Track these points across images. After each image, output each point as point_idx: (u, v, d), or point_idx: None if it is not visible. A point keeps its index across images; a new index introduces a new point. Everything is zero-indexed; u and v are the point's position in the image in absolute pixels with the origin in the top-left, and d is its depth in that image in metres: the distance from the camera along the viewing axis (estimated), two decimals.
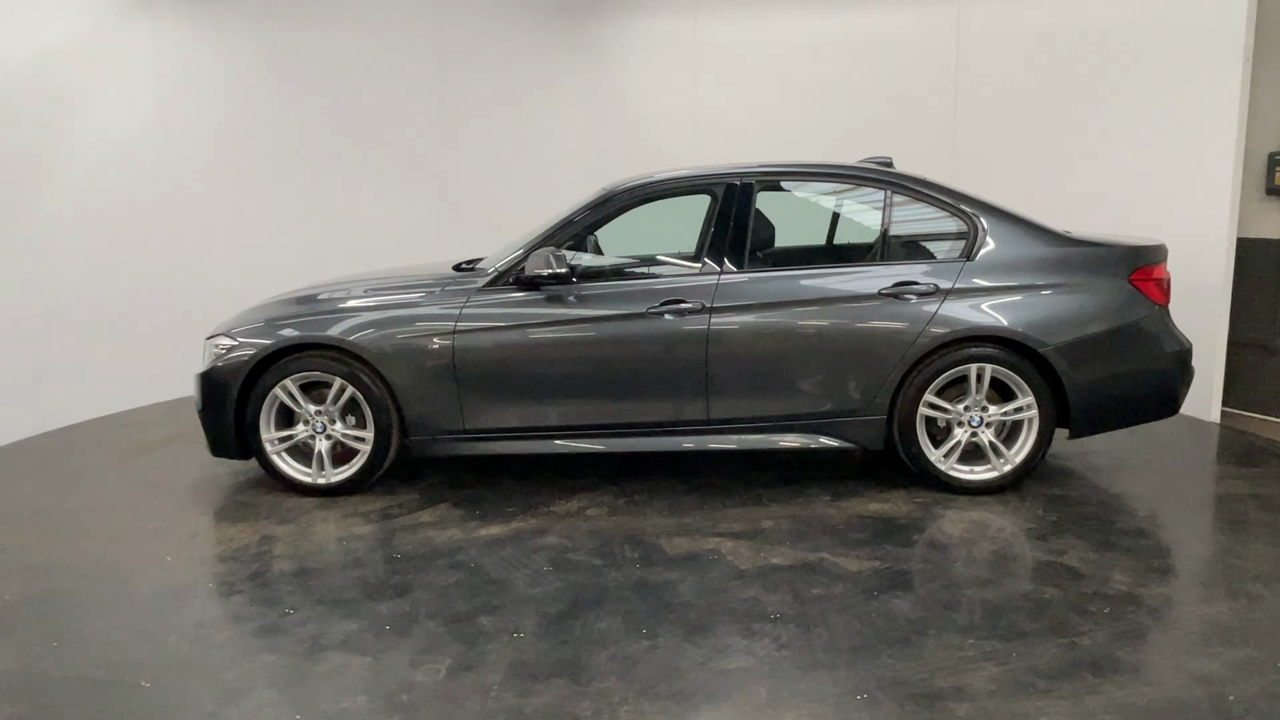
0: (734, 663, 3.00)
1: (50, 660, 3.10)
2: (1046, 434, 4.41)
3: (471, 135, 7.36)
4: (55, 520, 4.43)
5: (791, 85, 7.01)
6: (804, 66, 6.99)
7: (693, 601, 3.44)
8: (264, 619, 3.37)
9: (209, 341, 4.74)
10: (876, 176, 4.56)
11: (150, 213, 7.00)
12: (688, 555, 3.85)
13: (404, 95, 7.32)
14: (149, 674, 3.01)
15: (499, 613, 3.38)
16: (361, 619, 3.35)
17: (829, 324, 4.39)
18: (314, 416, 4.58)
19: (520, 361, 4.46)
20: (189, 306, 6.81)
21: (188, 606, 3.48)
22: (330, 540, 4.10)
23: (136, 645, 3.19)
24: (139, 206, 6.93)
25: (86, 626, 3.34)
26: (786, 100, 7.03)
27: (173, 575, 3.76)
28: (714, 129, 7.06)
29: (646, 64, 7.18)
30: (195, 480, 4.98)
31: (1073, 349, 4.32)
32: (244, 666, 3.04)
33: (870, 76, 6.89)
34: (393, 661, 3.05)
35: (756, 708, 2.74)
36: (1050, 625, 3.20)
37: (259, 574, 3.76)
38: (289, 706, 2.80)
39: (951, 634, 3.16)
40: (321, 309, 4.62)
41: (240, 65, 7.15)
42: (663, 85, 7.17)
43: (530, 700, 2.80)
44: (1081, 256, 4.43)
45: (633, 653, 3.07)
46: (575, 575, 3.68)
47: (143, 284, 6.98)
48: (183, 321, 6.61)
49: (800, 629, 3.21)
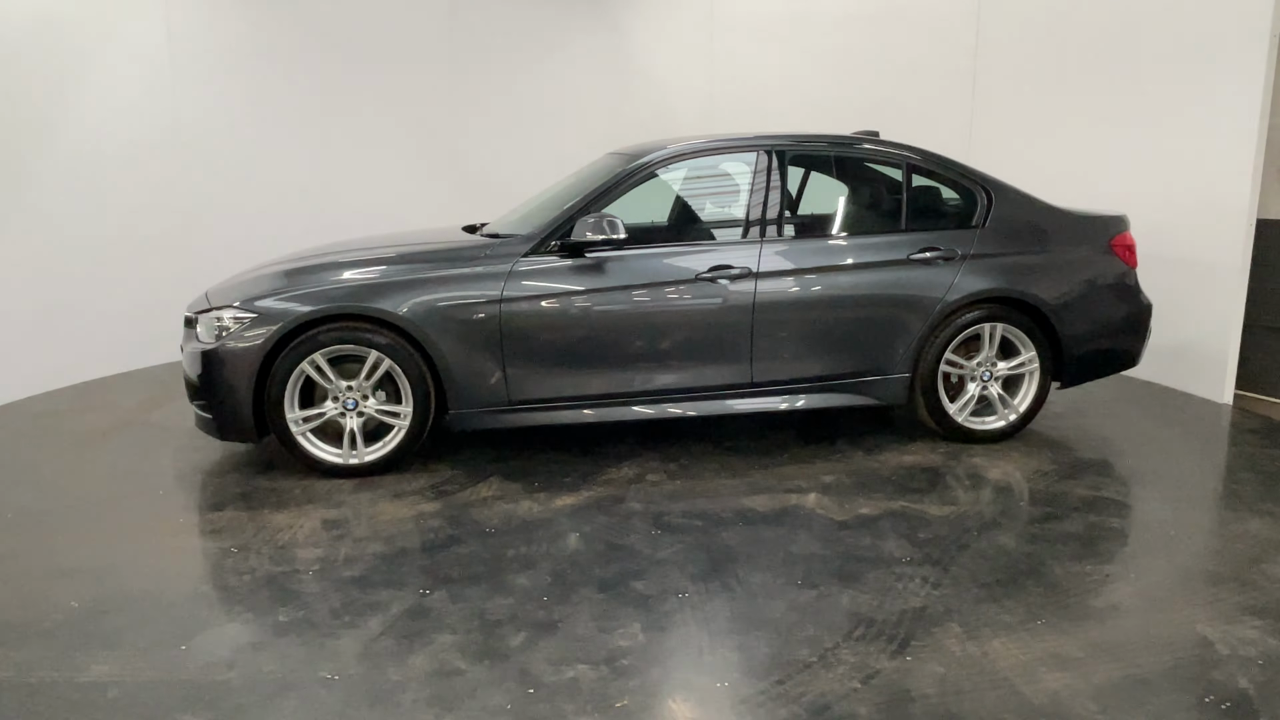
0: (909, 603, 3.17)
1: (229, 671, 2.80)
2: (1045, 385, 4.87)
3: (482, 100, 7.29)
4: (56, 520, 3.92)
5: (808, 57, 7.04)
6: (821, 38, 7.01)
7: (819, 552, 3.57)
8: (405, 602, 3.18)
9: (208, 315, 4.33)
10: (898, 149, 4.83)
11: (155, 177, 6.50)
12: (778, 511, 3.98)
13: (415, 59, 7.19)
14: (336, 669, 2.79)
15: (645, 576, 3.37)
16: (509, 594, 3.24)
17: (866, 288, 4.62)
18: (344, 392, 4.30)
19: (568, 329, 4.40)
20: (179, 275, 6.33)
21: (313, 594, 3.22)
22: (403, 519, 3.89)
23: (293, 641, 2.94)
24: (145, 170, 6.44)
25: (218, 629, 3.03)
26: (802, 72, 7.07)
27: (265, 567, 3.45)
28: (728, 98, 7.09)
29: (662, 32, 7.19)
30: (179, 469, 4.54)
31: (1068, 307, 4.79)
32: (433, 652, 2.87)
33: (888, 50, 6.89)
34: (582, 630, 2.99)
35: (971, 638, 2.93)
36: (1142, 545, 3.60)
37: (353, 558, 3.53)
38: (515, 683, 2.70)
39: (1069, 562, 3.48)
40: (352, 278, 4.33)
41: (250, 27, 6.79)
42: (677, 54, 7.17)
43: (740, 654, 2.84)
44: (1072, 225, 4.91)
45: (810, 602, 3.18)
46: (688, 536, 3.72)
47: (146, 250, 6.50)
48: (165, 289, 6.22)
49: (939, 569, 3.43)
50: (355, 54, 7.11)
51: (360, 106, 7.18)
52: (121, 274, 6.33)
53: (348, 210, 7.03)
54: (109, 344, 6.30)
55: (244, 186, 6.87)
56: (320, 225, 6.46)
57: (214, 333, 4.28)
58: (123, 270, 6.34)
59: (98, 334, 6.22)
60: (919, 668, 2.78)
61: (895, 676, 2.73)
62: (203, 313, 4.38)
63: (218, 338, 4.26)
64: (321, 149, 7.11)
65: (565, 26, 7.21)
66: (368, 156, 7.25)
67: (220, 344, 4.24)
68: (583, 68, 7.27)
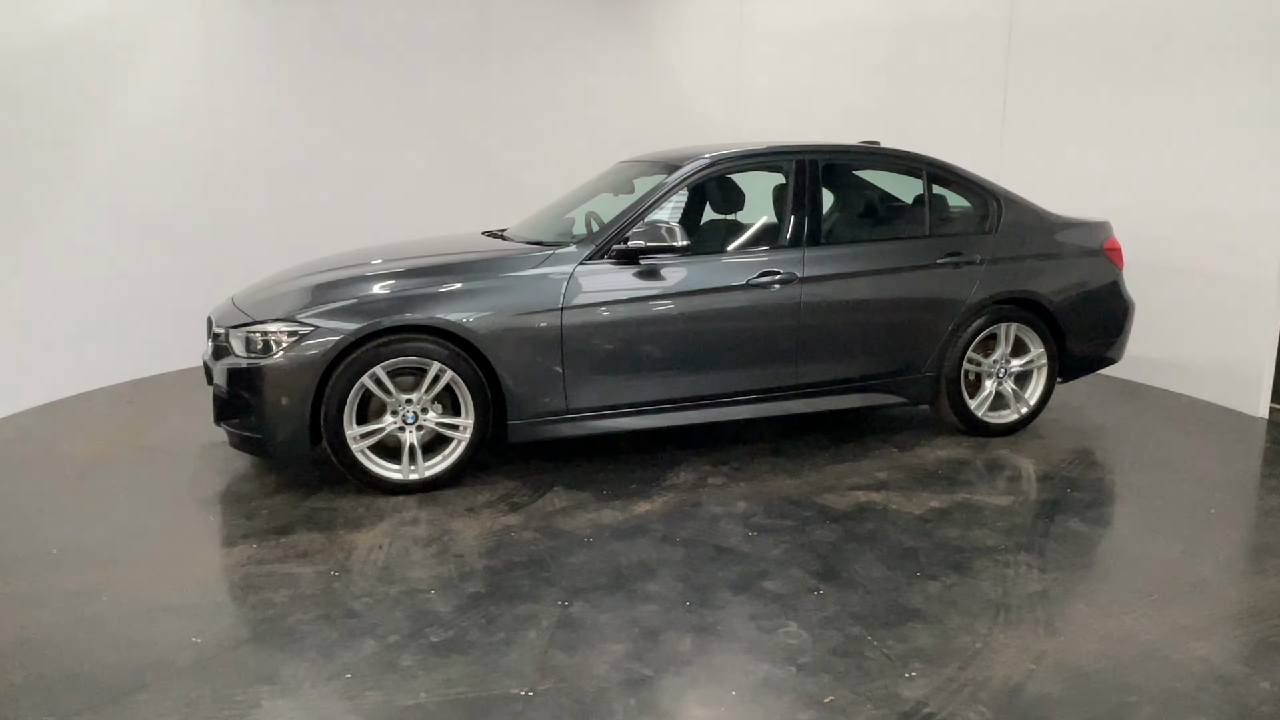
0: (1029, 587, 3.36)
1: (421, 694, 2.69)
2: (1052, 380, 5.20)
3: (512, 105, 7.28)
4: (111, 553, 3.65)
5: (836, 64, 7.03)
6: (849, 46, 6.98)
7: (917, 545, 3.72)
8: (549, 614, 3.14)
9: (252, 329, 4.12)
10: (918, 160, 5.06)
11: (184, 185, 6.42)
12: (855, 508, 4.11)
13: (445, 63, 7.18)
14: (526, 684, 2.73)
15: (770, 576, 3.43)
16: (648, 600, 3.24)
17: (901, 291, 4.83)
18: (403, 406, 4.17)
19: (628, 336, 4.41)
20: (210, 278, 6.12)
21: (448, 612, 3.13)
22: (491, 533, 3.82)
23: (462, 660, 2.85)
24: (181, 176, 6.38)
25: (375, 654, 2.90)
26: (831, 79, 7.07)
27: (380, 588, 3.32)
28: (755, 106, 7.12)
29: (691, 39, 7.21)
30: (209, 493, 4.29)
31: (1072, 306, 5.14)
32: (612, 661, 2.85)
33: (918, 57, 6.80)
34: (744, 631, 3.03)
35: (1105, 615, 3.13)
36: (1198, 526, 3.91)
37: (468, 574, 3.44)
38: (711, 687, 2.71)
39: (1142, 543, 3.76)
40: (411, 287, 4.20)
41: (285, 32, 6.74)
42: (707, 61, 7.19)
43: (906, 644, 2.95)
44: (1072, 229, 5.26)
45: (941, 592, 3.32)
46: (785, 536, 3.80)
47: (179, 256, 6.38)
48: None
49: (1036, 554, 3.64)
50: (386, 58, 7.12)
51: (391, 110, 7.18)
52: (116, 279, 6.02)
53: (379, 213, 6.99)
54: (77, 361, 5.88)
55: (275, 189, 6.78)
56: (352, 228, 6.38)
57: (261, 347, 4.07)
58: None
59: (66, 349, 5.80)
60: (1076, 645, 2.95)
61: (1061, 655, 2.89)
62: (242, 327, 4.16)
63: (264, 352, 4.06)
64: (352, 152, 7.07)
65: (595, 33, 7.21)
66: (398, 160, 7.23)
67: (271, 359, 4.03)
68: (612, 74, 7.33)
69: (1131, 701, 2.65)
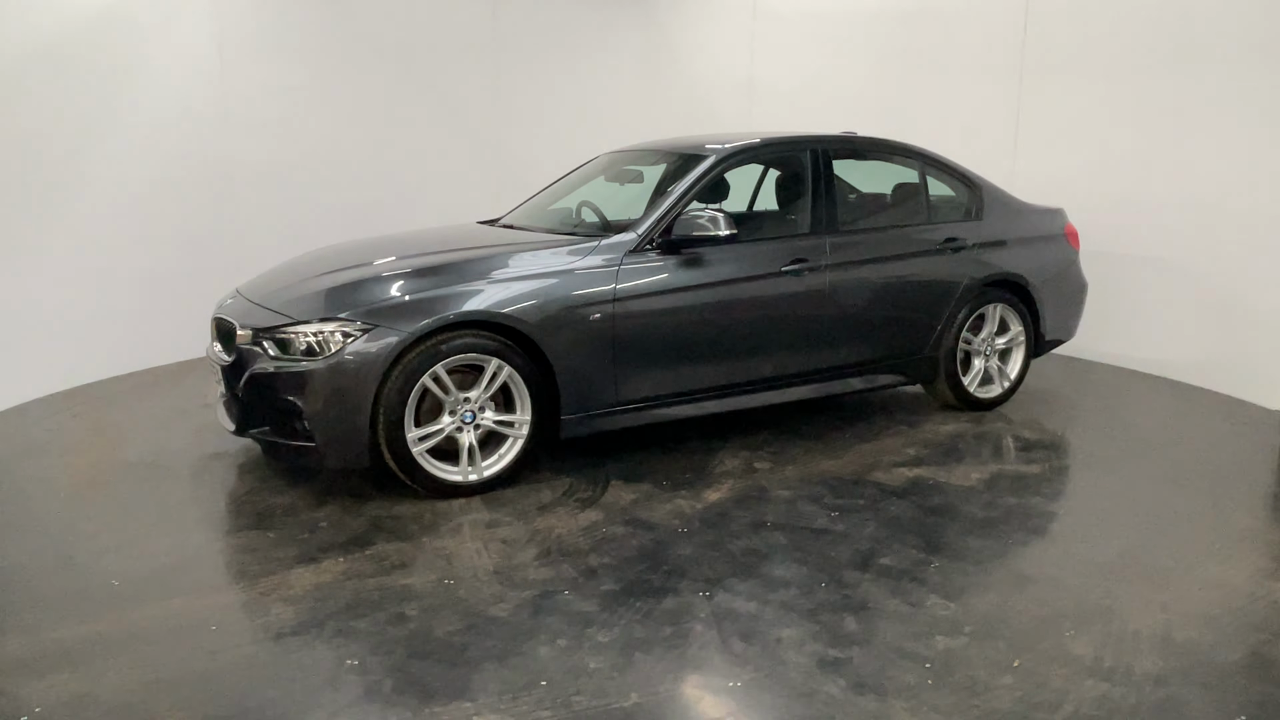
0: (1112, 544, 3.62)
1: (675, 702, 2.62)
2: (1029, 356, 5.58)
3: (524, 95, 7.18)
4: (180, 581, 3.35)
5: (849, 55, 7.00)
6: (863, 36, 6.96)
7: (988, 515, 3.93)
8: (699, 605, 3.13)
9: (292, 330, 3.87)
10: (912, 150, 5.30)
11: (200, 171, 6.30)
12: (908, 483, 4.29)
13: (458, 54, 7.08)
14: (728, 676, 2.72)
15: (881, 554, 3.55)
16: (785, 585, 3.29)
17: (913, 274, 5.06)
18: (462, 405, 4.03)
19: (677, 326, 4.42)
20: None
21: (595, 611, 3.07)
22: (582, 530, 3.75)
23: (645, 659, 2.81)
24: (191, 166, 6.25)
25: (560, 658, 2.81)
26: (844, 70, 7.04)
27: (509, 593, 3.21)
28: (767, 96, 7.05)
29: (703, 29, 7.15)
30: (248, 508, 3.99)
31: (1047, 286, 5.53)
32: (793, 643, 2.88)
33: (931, 47, 6.75)
34: (895, 607, 3.13)
35: (1194, 569, 3.42)
36: (1224, 486, 4.32)
37: (589, 572, 3.38)
38: (907, 661, 2.80)
39: (1183, 503, 4.12)
40: (459, 280, 4.05)
41: (296, 26, 6.67)
42: (719, 50, 7.12)
43: (1046, 607, 3.15)
44: (1039, 215, 5.66)
45: (1042, 555, 3.54)
46: (864, 513, 3.93)
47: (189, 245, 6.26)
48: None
49: (1100, 517, 3.93)
50: (399, 50, 7.05)
51: (403, 104, 7.13)
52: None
53: (391, 208, 6.87)
54: None
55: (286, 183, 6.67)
56: (365, 222, 6.19)
57: (305, 349, 3.83)
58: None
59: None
60: (1187, 594, 3.23)
61: (1181, 605, 3.16)
62: (279, 328, 3.89)
63: (311, 354, 3.82)
64: (364, 146, 6.99)
65: (606, 25, 7.09)
66: (411, 153, 7.17)
67: (323, 361, 3.80)
68: (624, 64, 7.30)
69: (1266, 639, 2.93)
